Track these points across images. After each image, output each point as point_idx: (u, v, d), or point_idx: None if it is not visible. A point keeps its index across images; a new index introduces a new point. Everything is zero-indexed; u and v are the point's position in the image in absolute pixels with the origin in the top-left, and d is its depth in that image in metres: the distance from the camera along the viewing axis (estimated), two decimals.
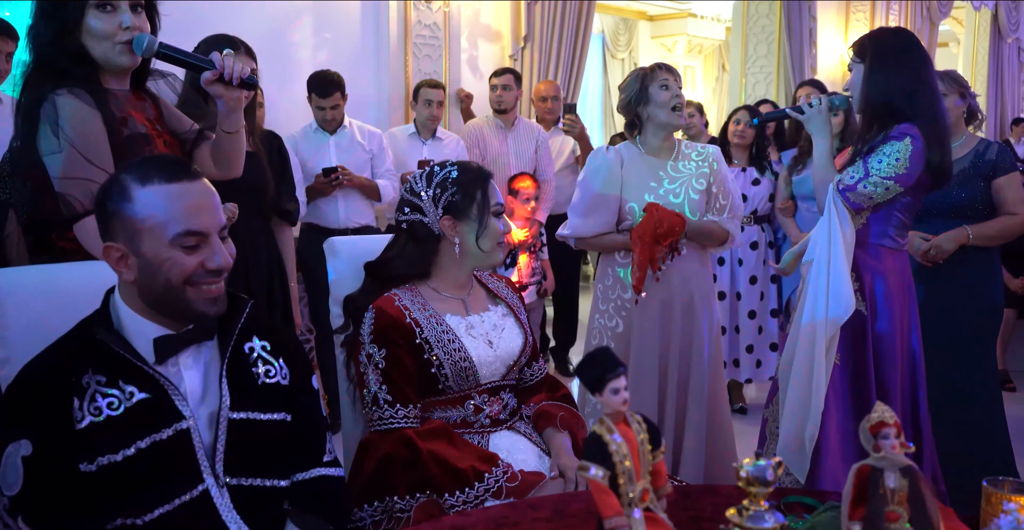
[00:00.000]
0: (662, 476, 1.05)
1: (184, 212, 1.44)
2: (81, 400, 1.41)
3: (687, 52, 12.18)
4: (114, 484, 1.40)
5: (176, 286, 1.45)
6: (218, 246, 1.48)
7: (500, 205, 2.01)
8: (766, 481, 0.96)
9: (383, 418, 1.89)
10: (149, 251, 1.43)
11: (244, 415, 1.52)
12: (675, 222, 2.72)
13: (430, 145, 4.52)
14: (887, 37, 2.50)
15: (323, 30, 4.74)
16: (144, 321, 1.48)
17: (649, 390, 2.83)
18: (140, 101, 2.04)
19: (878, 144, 2.41)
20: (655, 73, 2.80)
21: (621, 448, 0.96)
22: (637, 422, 1.02)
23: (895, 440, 1.01)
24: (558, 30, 5.69)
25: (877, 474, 1.01)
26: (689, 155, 2.89)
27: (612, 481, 0.95)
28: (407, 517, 1.81)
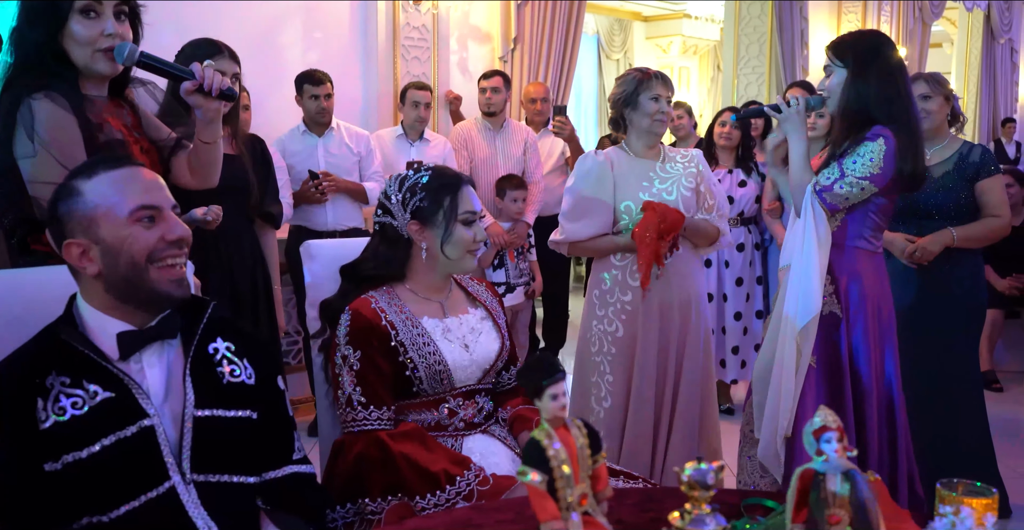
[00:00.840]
0: (603, 480, 1.07)
1: (134, 190, 1.51)
2: (45, 401, 1.43)
3: (682, 53, 12.19)
4: (80, 482, 1.42)
5: (140, 264, 1.49)
6: (174, 219, 1.54)
7: (471, 213, 2.00)
8: (707, 485, 0.98)
9: (356, 419, 1.91)
10: (109, 235, 1.48)
11: (209, 412, 1.54)
12: (676, 217, 2.76)
13: (418, 147, 4.54)
14: (867, 41, 2.51)
15: (311, 32, 4.75)
16: (107, 318, 1.52)
17: (648, 390, 2.85)
18: (118, 108, 2.06)
19: (852, 146, 2.44)
20: (650, 83, 2.85)
21: (559, 454, 0.98)
22: (577, 427, 1.03)
23: (838, 444, 1.02)
24: (548, 32, 5.70)
25: (820, 478, 1.03)
26: (674, 158, 2.96)
27: (551, 486, 0.97)
28: (379, 519, 1.82)
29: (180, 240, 1.53)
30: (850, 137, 2.47)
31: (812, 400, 2.45)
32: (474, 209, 2.01)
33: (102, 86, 2.02)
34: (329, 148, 4.14)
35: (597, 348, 2.92)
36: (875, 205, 2.48)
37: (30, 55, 1.91)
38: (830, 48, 2.50)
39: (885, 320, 2.55)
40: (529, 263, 4.77)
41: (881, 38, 2.55)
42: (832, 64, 2.48)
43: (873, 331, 2.51)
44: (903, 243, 3.17)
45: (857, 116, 2.44)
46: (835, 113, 2.51)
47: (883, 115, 2.41)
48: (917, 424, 3.16)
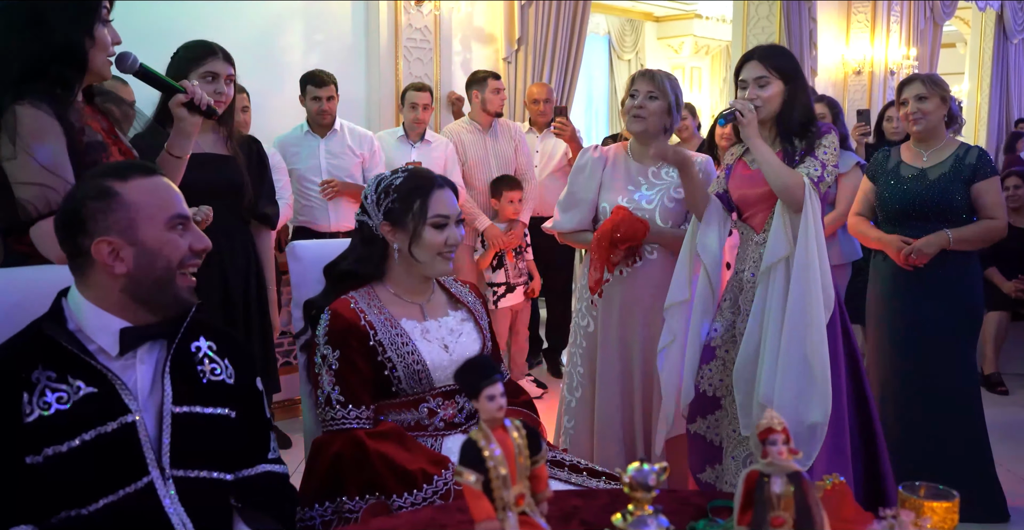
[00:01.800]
0: (542, 481, 1.07)
1: (170, 199, 1.58)
2: (31, 395, 1.46)
3: (694, 53, 12.16)
4: (60, 475, 1.44)
5: (172, 269, 1.56)
6: (197, 230, 1.62)
7: (442, 217, 2.00)
8: (648, 486, 0.98)
9: (335, 418, 1.92)
10: (149, 238, 1.54)
11: (187, 409, 1.57)
12: (636, 228, 2.76)
13: (419, 148, 4.56)
14: (791, 53, 2.72)
15: (313, 33, 4.78)
16: (108, 315, 1.54)
17: (611, 391, 2.89)
18: (94, 113, 2.09)
19: (812, 141, 2.58)
20: (633, 81, 2.90)
21: (495, 454, 0.99)
22: (516, 428, 1.04)
23: (783, 446, 1.03)
24: (552, 32, 5.70)
25: (764, 479, 1.03)
26: None
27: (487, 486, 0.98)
28: (355, 517, 1.84)
29: (204, 250, 1.61)
30: (802, 137, 2.60)
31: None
32: (446, 213, 2.00)
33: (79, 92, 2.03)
34: (331, 149, 4.17)
35: (573, 339, 3.02)
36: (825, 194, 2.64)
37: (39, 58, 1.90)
38: (765, 61, 2.60)
39: (843, 315, 2.65)
40: (527, 262, 4.78)
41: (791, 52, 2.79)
42: (768, 76, 2.58)
43: (839, 323, 2.58)
44: (899, 244, 3.17)
45: (800, 122, 2.59)
46: (770, 119, 2.62)
47: (812, 118, 2.62)
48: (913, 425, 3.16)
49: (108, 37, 1.97)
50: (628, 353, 2.89)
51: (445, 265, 2.03)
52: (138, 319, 1.56)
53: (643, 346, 2.88)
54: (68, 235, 1.55)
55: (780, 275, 2.52)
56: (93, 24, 1.93)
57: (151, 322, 1.58)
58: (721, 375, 2.70)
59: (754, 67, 2.60)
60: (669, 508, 1.46)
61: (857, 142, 5.23)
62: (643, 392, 2.88)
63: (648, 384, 2.88)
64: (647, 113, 2.82)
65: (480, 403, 1.01)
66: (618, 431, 2.88)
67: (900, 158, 3.32)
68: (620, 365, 2.89)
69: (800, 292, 2.46)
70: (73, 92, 1.96)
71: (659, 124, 2.84)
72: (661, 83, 2.84)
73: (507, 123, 4.89)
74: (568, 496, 1.53)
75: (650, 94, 2.82)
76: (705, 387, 2.71)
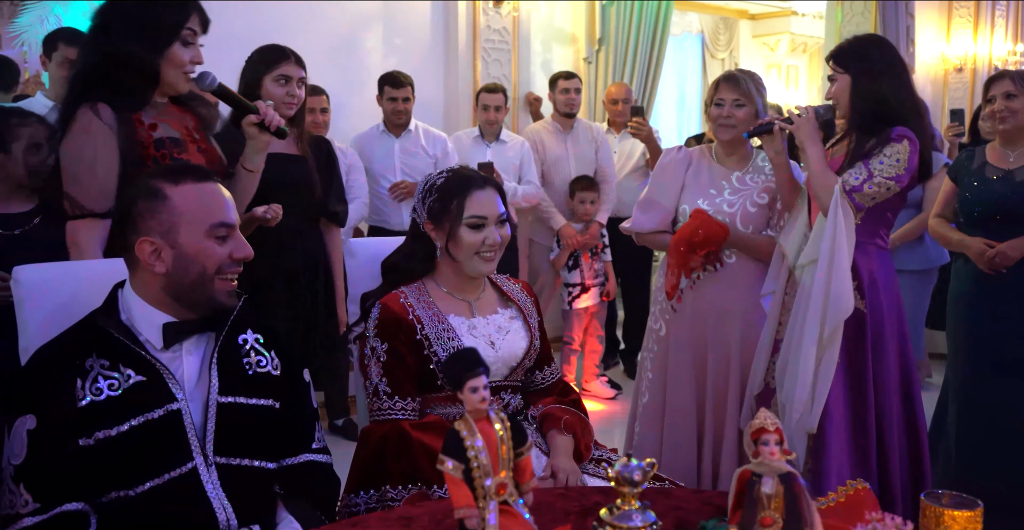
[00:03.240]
0: (526, 473, 1.09)
1: (216, 206, 1.63)
2: (84, 381, 1.55)
3: (790, 51, 11.88)
4: (109, 458, 1.53)
5: (208, 275, 1.61)
6: (241, 238, 1.67)
7: (478, 217, 2.01)
8: (634, 481, 0.99)
9: (382, 409, 1.98)
10: (187, 242, 1.59)
11: (232, 399, 1.64)
12: (715, 232, 2.72)
13: (494, 148, 4.61)
14: (866, 46, 2.59)
15: (393, 35, 4.89)
16: (153, 310, 1.63)
17: (683, 397, 2.85)
18: (181, 113, 2.21)
19: (875, 146, 2.49)
20: (715, 88, 2.86)
21: (476, 444, 1.01)
22: (501, 420, 1.06)
23: (775, 446, 1.02)
24: (634, 32, 5.68)
25: (755, 479, 1.03)
26: (763, 168, 2.88)
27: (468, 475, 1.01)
28: (398, 506, 1.89)
29: (244, 259, 1.66)
30: (871, 137, 2.51)
31: (836, 396, 2.49)
32: (483, 214, 2.01)
33: (165, 95, 2.18)
34: (405, 148, 4.27)
35: (646, 343, 3.00)
36: (890, 203, 2.55)
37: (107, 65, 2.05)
38: (830, 58, 2.59)
39: (898, 314, 2.62)
40: (603, 264, 4.77)
41: (877, 39, 2.66)
42: (835, 72, 2.56)
43: (892, 326, 2.56)
44: (981, 248, 3.05)
45: (872, 118, 2.51)
46: (845, 117, 2.58)
47: (900, 114, 2.50)
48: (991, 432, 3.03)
49: (185, 56, 2.10)
50: (701, 359, 2.86)
51: (483, 265, 2.05)
52: (180, 315, 1.63)
53: (716, 352, 2.84)
54: (120, 230, 1.65)
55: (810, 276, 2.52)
56: (168, 44, 2.07)
57: (190, 316, 1.64)
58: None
59: (830, 66, 2.61)
60: (691, 507, 1.47)
61: (950, 142, 5.04)
62: (715, 399, 2.84)
63: (720, 390, 2.83)
64: (735, 121, 2.80)
65: (464, 394, 1.04)
66: (687, 438, 2.85)
67: (985, 158, 3.19)
68: (692, 371, 2.85)
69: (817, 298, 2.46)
70: (142, 99, 2.10)
71: (747, 130, 2.81)
72: (747, 88, 2.81)
73: (588, 124, 4.90)
74: (592, 493, 1.54)
75: (736, 102, 2.80)
76: (770, 379, 2.69)
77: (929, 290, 4.37)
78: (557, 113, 4.82)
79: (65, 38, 3.43)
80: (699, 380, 2.86)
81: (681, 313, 2.86)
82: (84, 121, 2.02)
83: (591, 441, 2.14)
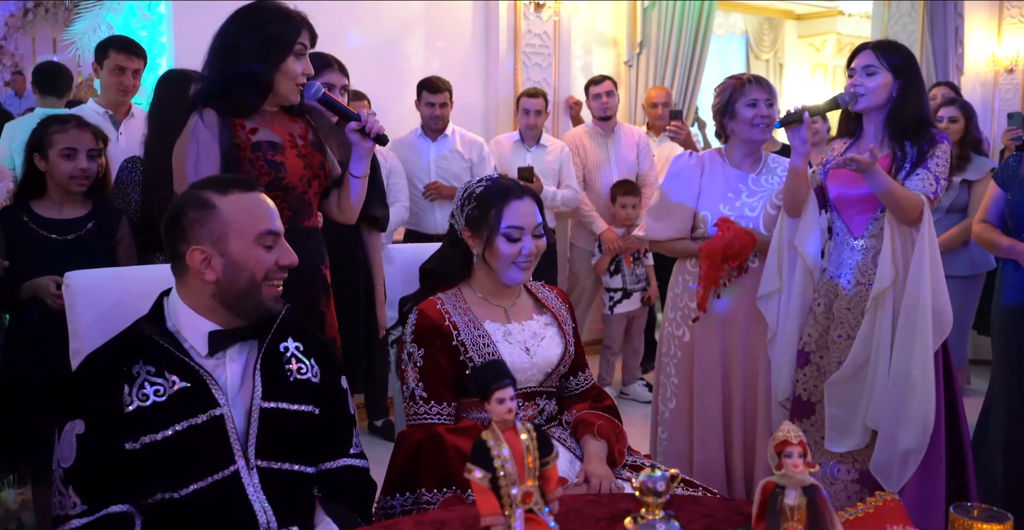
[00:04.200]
0: (552, 482, 1.11)
1: (263, 215, 1.69)
2: (131, 387, 1.60)
3: (836, 51, 11.72)
4: (155, 461, 1.58)
5: (257, 282, 1.66)
6: (286, 245, 1.72)
7: (515, 228, 2.03)
8: (657, 492, 1.01)
9: (418, 413, 2.01)
10: (237, 251, 1.64)
11: (274, 405, 1.69)
12: (745, 242, 2.73)
13: (534, 152, 4.63)
14: (910, 52, 2.60)
15: (434, 40, 4.93)
16: (200, 318, 1.67)
17: (711, 402, 2.85)
18: (289, 121, 2.33)
19: (926, 149, 2.50)
20: (745, 89, 2.82)
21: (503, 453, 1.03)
22: (527, 430, 1.08)
23: (799, 459, 1.03)
24: (675, 34, 5.66)
25: (778, 491, 1.04)
26: (775, 170, 2.89)
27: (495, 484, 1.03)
28: (433, 509, 1.92)
29: (290, 265, 1.71)
30: (914, 142, 2.51)
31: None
32: (520, 224, 2.03)
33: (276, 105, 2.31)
34: (440, 152, 4.31)
35: (666, 349, 2.99)
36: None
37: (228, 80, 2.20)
38: (878, 49, 2.54)
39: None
40: (645, 268, 4.76)
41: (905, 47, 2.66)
42: (877, 65, 2.52)
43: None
44: None
45: (912, 122, 2.51)
46: (871, 112, 2.56)
47: (926, 117, 2.54)
48: None
49: (298, 69, 2.22)
50: (729, 363, 2.86)
51: (518, 274, 2.07)
52: (227, 322, 1.68)
53: (744, 356, 2.84)
54: (170, 239, 1.69)
55: (890, 299, 2.46)
56: (283, 58, 2.20)
57: (239, 325, 1.69)
58: (816, 381, 2.65)
59: (865, 56, 2.56)
60: (720, 515, 1.48)
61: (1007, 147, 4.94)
62: (743, 403, 2.84)
63: (749, 395, 2.84)
64: (771, 120, 2.81)
65: (490, 405, 1.07)
66: (717, 443, 2.86)
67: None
68: (720, 375, 2.86)
69: (910, 317, 2.41)
70: (253, 108, 2.24)
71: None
72: (772, 90, 2.84)
73: (630, 128, 4.90)
74: (622, 499, 1.56)
75: (768, 101, 2.81)
76: (800, 391, 2.67)
77: (974, 296, 4.30)
78: (594, 117, 4.84)
79: (116, 45, 3.53)
80: (726, 384, 2.86)
81: (706, 318, 2.86)
82: (191, 126, 2.17)
83: (624, 447, 2.15)
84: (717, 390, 2.85)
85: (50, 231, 2.66)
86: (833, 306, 2.61)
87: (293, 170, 2.25)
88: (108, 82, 3.51)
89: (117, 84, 3.49)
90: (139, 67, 3.51)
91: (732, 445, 2.87)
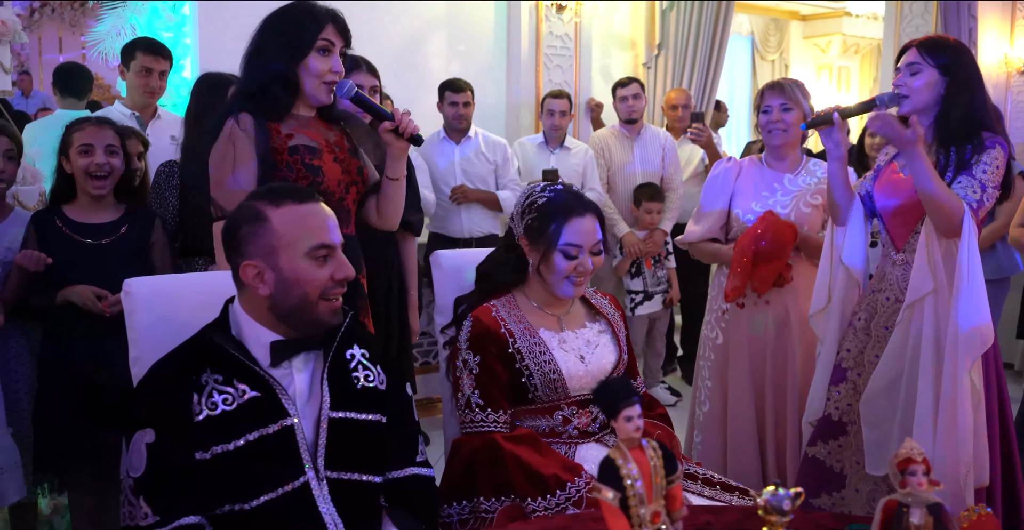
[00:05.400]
0: (677, 500, 1.09)
1: (316, 228, 1.63)
2: (200, 396, 1.58)
3: (842, 52, 11.75)
4: (225, 472, 1.56)
5: (311, 300, 1.61)
6: (343, 258, 1.66)
7: (573, 246, 2.01)
8: (783, 511, 0.99)
9: (474, 421, 2.00)
10: (286, 266, 1.60)
11: (343, 415, 1.66)
12: (784, 233, 2.71)
13: (558, 154, 4.61)
14: (962, 47, 2.42)
15: (456, 42, 4.91)
16: (261, 328, 1.65)
17: (744, 405, 2.84)
18: (326, 127, 2.30)
19: (971, 155, 2.33)
20: (762, 96, 2.88)
21: (632, 472, 1.02)
22: (652, 448, 1.07)
23: (922, 477, 1.01)
24: (693, 36, 5.65)
25: (902, 510, 1.02)
26: (814, 172, 2.90)
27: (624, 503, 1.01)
28: (491, 518, 1.90)
29: (345, 279, 1.65)
30: (962, 147, 2.35)
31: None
32: (579, 243, 2.01)
33: (311, 109, 2.28)
34: (465, 154, 4.29)
35: (702, 351, 2.99)
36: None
37: (258, 82, 2.18)
38: (923, 47, 2.38)
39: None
40: (667, 271, 4.75)
41: (960, 43, 2.47)
42: (922, 62, 2.36)
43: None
44: None
45: (961, 124, 2.34)
46: (920, 115, 2.37)
47: (989, 123, 2.34)
48: None
49: (324, 67, 2.17)
50: (760, 366, 2.85)
51: (571, 289, 2.05)
52: (287, 333, 1.65)
53: (775, 359, 2.82)
54: (227, 252, 1.67)
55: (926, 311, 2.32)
56: (304, 56, 2.16)
57: (297, 334, 1.66)
58: (850, 399, 2.51)
59: (910, 54, 2.40)
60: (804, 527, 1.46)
61: None
62: (775, 405, 2.83)
63: (780, 397, 2.82)
64: (785, 125, 2.82)
65: (618, 423, 1.05)
66: (751, 444, 2.84)
67: None
68: (752, 378, 2.85)
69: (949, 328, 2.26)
70: (285, 110, 2.21)
71: (797, 133, 2.85)
72: (792, 92, 2.83)
73: (656, 130, 4.88)
74: (700, 511, 1.54)
75: (783, 106, 2.82)
76: (831, 410, 2.52)
77: (1002, 300, 4.29)
78: (620, 120, 4.82)
79: (143, 47, 3.51)
80: (758, 386, 2.84)
81: (738, 320, 2.86)
82: (227, 130, 2.14)
83: (680, 456, 2.14)
84: (748, 391, 2.84)
85: (84, 235, 2.62)
86: (872, 323, 2.49)
87: (331, 175, 2.22)
88: (135, 84, 3.49)
89: (144, 85, 3.47)
90: (165, 69, 3.49)
91: (765, 445, 2.85)
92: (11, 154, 2.69)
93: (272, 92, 2.17)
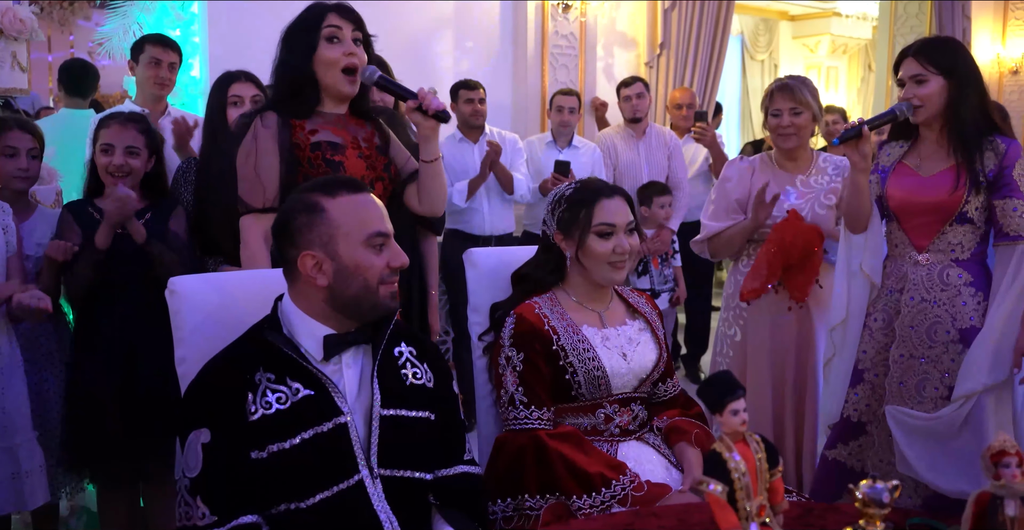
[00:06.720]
0: (779, 493, 1.10)
1: (372, 216, 1.64)
2: (254, 395, 1.57)
3: (830, 52, 11.84)
4: (281, 471, 1.55)
5: (372, 287, 1.62)
6: (397, 246, 1.68)
7: (606, 225, 2.03)
8: (882, 503, 1.00)
9: (518, 418, 1.99)
10: (346, 254, 1.60)
11: (393, 412, 1.66)
12: (810, 238, 2.72)
13: (566, 153, 4.62)
14: (955, 49, 2.44)
15: (463, 40, 4.91)
16: (314, 322, 1.64)
17: (762, 402, 2.85)
18: (357, 124, 2.30)
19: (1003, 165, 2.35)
20: (771, 98, 2.88)
21: (739, 466, 1.02)
22: (756, 442, 1.07)
23: (1016, 469, 1.02)
24: (695, 36, 5.67)
25: (996, 502, 1.03)
26: (825, 169, 2.90)
27: (730, 497, 1.02)
28: (536, 516, 1.90)
29: (400, 267, 1.66)
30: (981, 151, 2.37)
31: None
32: (611, 221, 2.03)
33: (341, 106, 2.28)
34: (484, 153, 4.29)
35: (719, 348, 3.00)
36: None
37: (286, 81, 2.22)
38: (921, 55, 2.40)
39: None
40: (673, 269, 4.76)
41: (957, 41, 2.51)
42: (925, 72, 2.38)
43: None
44: None
45: (972, 127, 2.36)
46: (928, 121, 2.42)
47: (992, 122, 2.38)
48: None
49: (334, 54, 2.17)
50: (780, 363, 2.86)
51: (614, 273, 2.06)
52: (340, 326, 1.65)
53: (795, 356, 2.84)
54: (280, 245, 1.67)
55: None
56: (315, 49, 2.16)
57: (348, 328, 1.66)
58: (868, 400, 2.53)
59: (910, 64, 2.41)
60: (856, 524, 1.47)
61: None
62: (794, 402, 2.85)
63: (799, 394, 2.84)
64: (795, 129, 2.82)
65: (724, 417, 1.05)
66: None
67: None
68: (771, 375, 2.86)
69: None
70: (310, 106, 2.22)
71: (808, 135, 2.87)
72: (801, 94, 2.82)
73: (661, 129, 4.90)
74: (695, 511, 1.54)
75: (793, 110, 2.82)
76: (850, 412, 2.54)
77: None
78: (625, 119, 4.84)
79: (152, 40, 3.49)
80: (777, 383, 2.86)
81: (757, 317, 2.87)
82: (252, 128, 2.18)
83: None
84: (767, 390, 2.85)
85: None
86: (895, 323, 2.48)
87: (353, 170, 2.21)
88: (145, 76, 3.45)
89: (154, 77, 3.43)
90: (175, 61, 3.46)
91: (784, 453, 2.87)
92: (34, 153, 2.68)
93: (294, 92, 2.19)
